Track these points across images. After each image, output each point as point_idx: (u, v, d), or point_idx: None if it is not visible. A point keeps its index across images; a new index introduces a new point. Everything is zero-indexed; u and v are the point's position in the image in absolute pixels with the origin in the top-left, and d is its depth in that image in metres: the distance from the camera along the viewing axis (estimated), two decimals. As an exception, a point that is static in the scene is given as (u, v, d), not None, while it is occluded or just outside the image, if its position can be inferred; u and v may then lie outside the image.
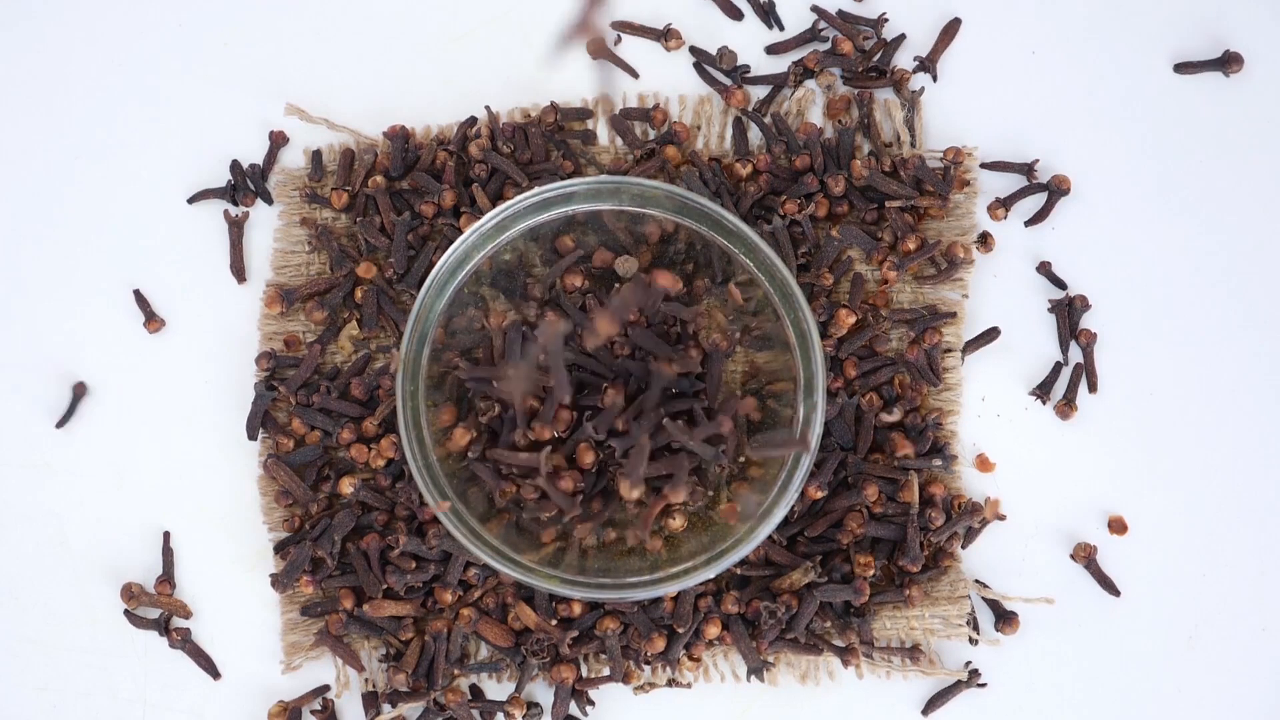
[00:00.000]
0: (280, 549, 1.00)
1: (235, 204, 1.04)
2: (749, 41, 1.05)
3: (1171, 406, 1.02)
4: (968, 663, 0.99)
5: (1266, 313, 1.03)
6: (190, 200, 1.04)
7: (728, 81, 1.04)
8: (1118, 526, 1.01)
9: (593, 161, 1.03)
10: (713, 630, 0.97)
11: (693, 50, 1.05)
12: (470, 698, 0.99)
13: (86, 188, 1.04)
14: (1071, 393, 1.02)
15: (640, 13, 1.05)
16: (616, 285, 0.99)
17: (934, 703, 0.99)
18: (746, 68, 1.04)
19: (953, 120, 1.04)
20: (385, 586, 0.98)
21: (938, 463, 0.99)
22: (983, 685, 0.99)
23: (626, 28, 1.05)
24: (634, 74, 1.04)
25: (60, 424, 1.01)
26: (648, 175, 1.01)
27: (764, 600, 0.97)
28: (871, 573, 0.98)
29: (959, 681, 0.99)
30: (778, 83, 1.04)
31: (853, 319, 1.00)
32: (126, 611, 1.01)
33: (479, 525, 0.95)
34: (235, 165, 1.04)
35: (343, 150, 1.03)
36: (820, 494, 0.98)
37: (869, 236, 1.01)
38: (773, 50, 1.05)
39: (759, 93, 1.05)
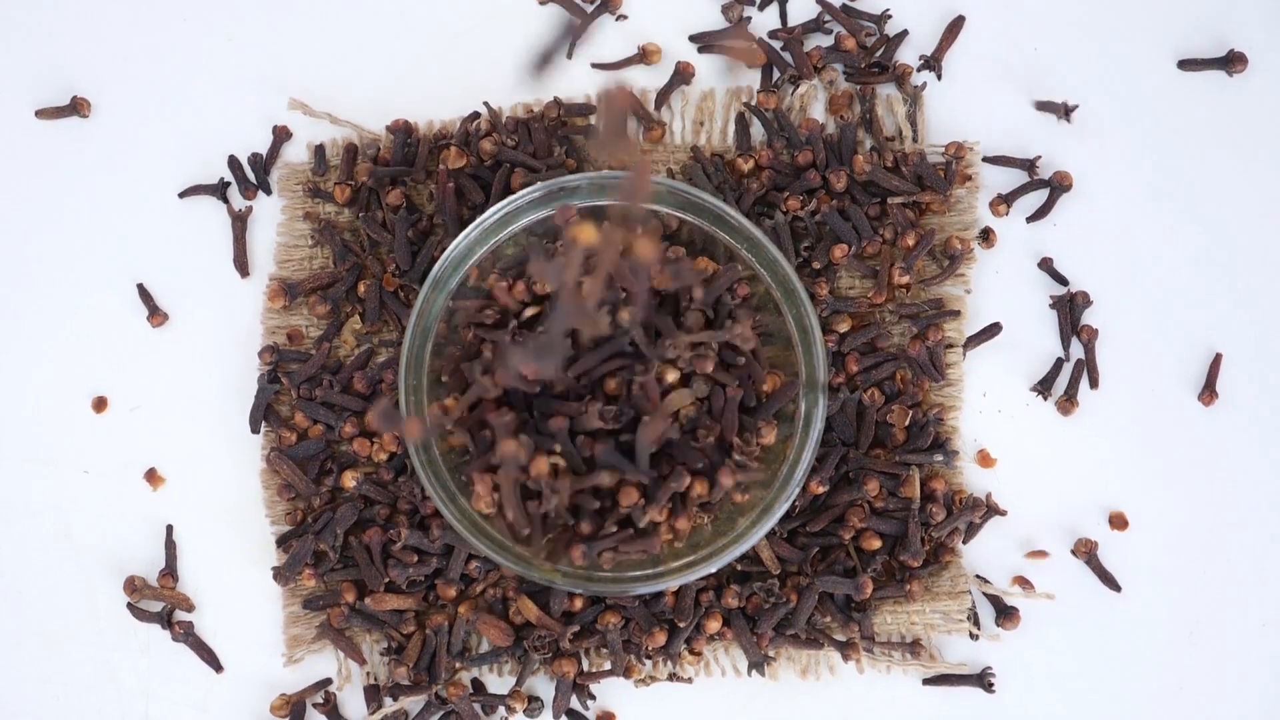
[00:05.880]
0: (282, 542, 1.00)
1: (225, 200, 1.04)
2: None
3: (1172, 403, 1.02)
4: (987, 668, 0.99)
5: (1267, 310, 1.03)
6: (181, 195, 1.04)
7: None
8: (1118, 522, 1.01)
9: (586, 158, 1.04)
10: (714, 625, 0.98)
11: (693, 38, 1.05)
12: (472, 691, 0.99)
13: (89, 182, 1.05)
14: (1073, 389, 1.02)
15: (640, 10, 1.06)
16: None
17: (938, 681, 0.99)
18: (748, 17, 1.05)
19: (955, 116, 1.04)
20: (387, 580, 0.98)
21: (939, 458, 0.99)
22: (991, 688, 0.99)
23: (604, 66, 1.05)
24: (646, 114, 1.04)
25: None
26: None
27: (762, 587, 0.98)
28: (878, 545, 0.98)
29: (972, 676, 0.99)
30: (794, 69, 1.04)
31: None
32: (129, 604, 1.01)
33: (481, 519, 0.95)
34: (233, 161, 1.04)
35: (346, 145, 1.04)
36: (822, 489, 0.98)
37: (853, 230, 1.01)
38: (774, 36, 1.05)
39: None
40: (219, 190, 1.04)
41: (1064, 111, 0.99)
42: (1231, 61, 1.04)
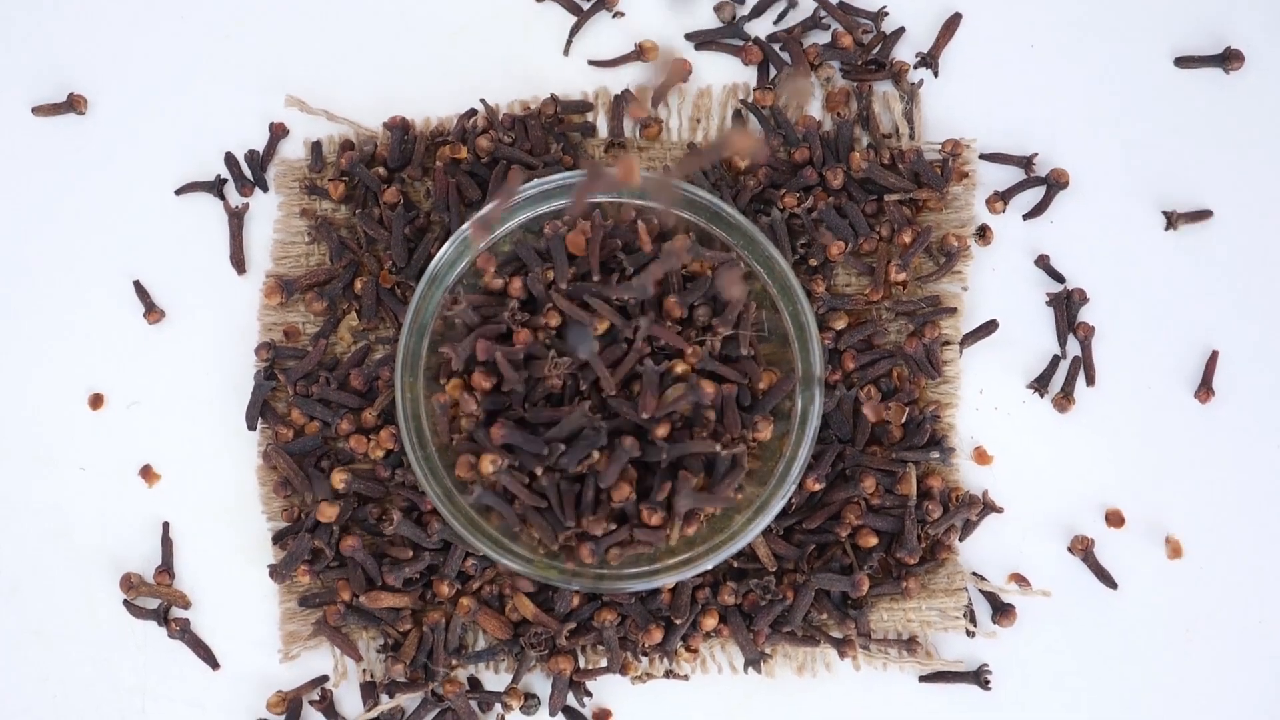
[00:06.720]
0: (279, 539, 1.00)
1: (221, 197, 1.04)
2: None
3: (1169, 400, 1.02)
4: (983, 665, 0.99)
5: (1264, 307, 1.03)
6: (178, 192, 1.04)
7: (739, 42, 1.04)
8: (1115, 519, 1.01)
9: (584, 153, 1.04)
10: (710, 621, 0.98)
11: (689, 36, 1.05)
12: (468, 688, 0.99)
13: (86, 179, 1.05)
14: (1069, 386, 1.02)
15: (637, 7, 1.06)
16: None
17: (934, 678, 0.99)
18: (746, 17, 1.05)
19: (952, 113, 1.04)
20: (381, 584, 0.98)
21: (935, 455, 0.99)
22: (987, 686, 0.99)
23: (601, 64, 1.05)
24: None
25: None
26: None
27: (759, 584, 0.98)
28: (874, 543, 0.98)
29: (968, 673, 0.99)
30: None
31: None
32: (126, 602, 1.01)
33: (478, 516, 0.95)
34: (230, 158, 1.04)
35: (342, 141, 1.04)
36: (818, 486, 0.98)
37: (850, 227, 1.01)
38: (772, 39, 1.05)
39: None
40: (216, 187, 1.04)
41: (1171, 221, 1.00)
42: (1228, 59, 1.04)
